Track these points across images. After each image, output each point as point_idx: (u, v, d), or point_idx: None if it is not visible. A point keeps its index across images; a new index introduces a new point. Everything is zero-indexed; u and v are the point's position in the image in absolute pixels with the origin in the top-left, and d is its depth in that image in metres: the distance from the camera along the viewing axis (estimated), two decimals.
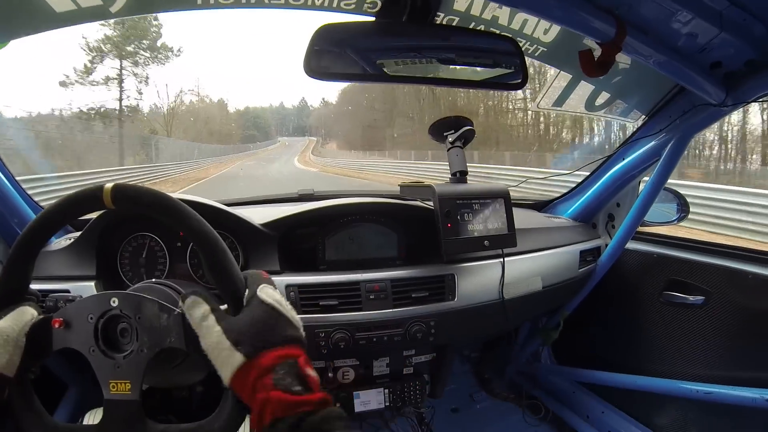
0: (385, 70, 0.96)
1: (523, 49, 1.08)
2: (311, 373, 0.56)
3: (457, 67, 1.03)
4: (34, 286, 0.73)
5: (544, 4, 0.84)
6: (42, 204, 1.30)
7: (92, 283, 1.11)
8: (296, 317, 0.62)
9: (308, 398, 0.52)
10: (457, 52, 1.01)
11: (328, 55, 0.92)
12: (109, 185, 0.63)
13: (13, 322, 0.62)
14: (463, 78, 1.03)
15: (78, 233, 1.17)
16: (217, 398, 0.64)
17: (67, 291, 1.10)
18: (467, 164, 1.27)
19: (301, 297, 1.12)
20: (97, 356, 0.64)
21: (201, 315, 0.60)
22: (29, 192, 1.28)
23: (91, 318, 0.65)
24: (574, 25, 0.88)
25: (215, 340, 0.57)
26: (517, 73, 1.03)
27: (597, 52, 0.94)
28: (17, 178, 1.22)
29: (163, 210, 0.65)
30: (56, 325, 0.64)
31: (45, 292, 1.09)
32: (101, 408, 0.64)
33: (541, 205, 1.82)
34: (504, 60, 1.03)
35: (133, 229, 1.18)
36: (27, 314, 0.64)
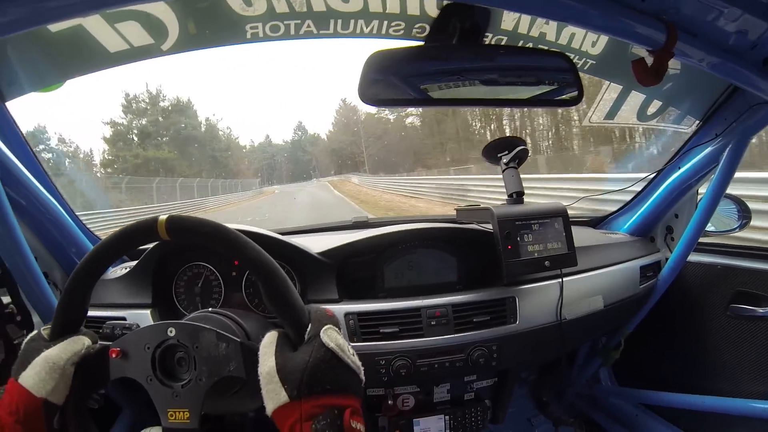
0: (438, 94, 0.99)
1: (567, 55, 1.08)
2: (356, 425, 0.56)
3: (510, 86, 1.04)
4: (92, 313, 0.76)
5: (591, 16, 0.84)
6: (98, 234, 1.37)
7: (148, 311, 1.15)
8: (357, 363, 0.63)
9: None
10: (510, 71, 1.02)
11: (381, 81, 0.95)
12: (163, 217, 0.65)
13: (62, 350, 0.64)
14: (517, 97, 1.04)
15: (134, 262, 1.21)
16: (269, 425, 0.63)
17: (123, 318, 1.15)
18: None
19: (361, 325, 1.13)
20: (155, 385, 0.65)
21: (268, 341, 0.62)
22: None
23: (148, 348, 0.66)
24: (624, 34, 0.88)
25: (267, 370, 0.59)
26: (571, 88, 1.04)
27: (649, 60, 0.94)
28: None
29: (219, 240, 0.66)
30: (113, 355, 0.66)
31: (101, 319, 1.14)
32: (155, 427, 0.66)
33: (596, 222, 1.79)
34: (557, 76, 1.04)
35: (189, 259, 1.22)
36: (78, 344, 0.66)
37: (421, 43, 1.07)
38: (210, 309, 0.85)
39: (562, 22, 1.08)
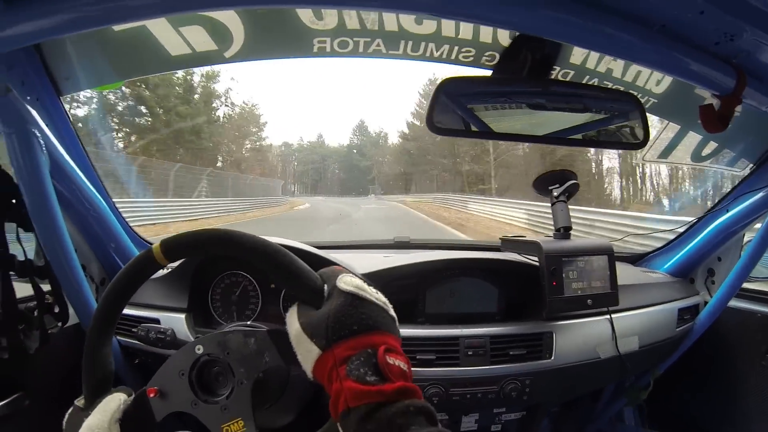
0: (502, 128, 0.98)
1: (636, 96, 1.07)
2: (393, 361, 0.54)
3: (576, 124, 1.02)
4: (126, 311, 0.74)
5: (662, 57, 0.82)
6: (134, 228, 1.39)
7: (183, 316, 1.16)
8: (383, 299, 0.61)
9: (382, 388, 0.50)
10: (577, 109, 1.01)
11: (450, 109, 0.94)
12: (156, 245, 0.66)
13: (102, 414, 0.63)
14: (582, 136, 1.02)
15: (176, 263, 1.22)
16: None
17: (158, 321, 1.16)
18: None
19: None
20: (201, 408, 0.64)
21: (290, 313, 0.62)
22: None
23: (183, 374, 0.65)
24: (693, 77, 0.85)
25: (294, 333, 0.59)
26: (637, 131, 1.02)
27: (716, 105, 0.93)
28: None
29: (217, 244, 0.66)
30: (152, 395, 0.65)
31: (136, 319, 1.17)
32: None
33: (635, 258, 1.77)
34: (624, 117, 1.02)
35: (229, 267, 1.22)
36: (114, 402, 0.65)
37: (489, 72, 1.06)
38: (239, 323, 0.84)
39: (632, 63, 1.06)
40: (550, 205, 1.29)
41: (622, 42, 0.77)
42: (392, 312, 0.62)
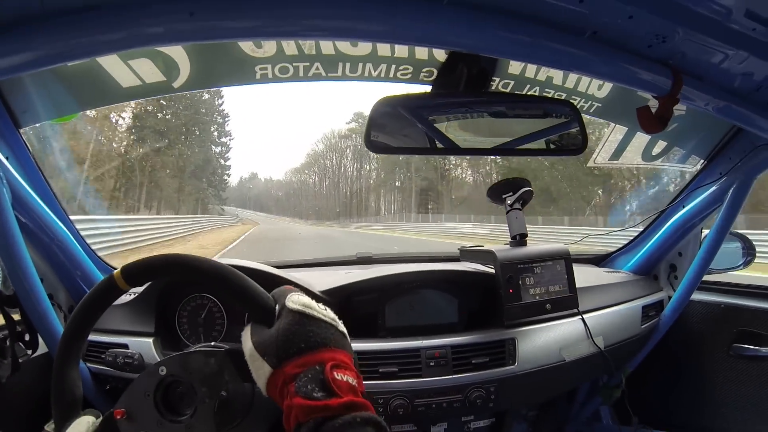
0: (443, 143, 1.01)
1: (578, 107, 1.11)
2: (340, 377, 0.57)
3: (516, 135, 1.06)
4: (93, 338, 0.76)
5: (596, 65, 0.85)
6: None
7: (150, 340, 1.18)
8: (331, 316, 0.65)
9: (328, 403, 0.53)
10: (516, 120, 1.05)
11: (387, 128, 0.98)
12: (117, 271, 0.68)
13: None
14: (523, 146, 1.05)
15: (141, 288, 1.24)
16: None
17: (126, 346, 1.17)
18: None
19: (361, 364, 1.14)
20: (166, 427, 0.67)
21: (244, 333, 0.65)
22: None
23: (148, 395, 0.68)
24: (630, 81, 0.90)
25: (248, 353, 0.62)
26: (575, 138, 1.06)
27: (653, 105, 0.97)
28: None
29: (174, 267, 0.69)
30: (119, 417, 0.67)
31: (103, 345, 1.17)
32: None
33: (599, 260, 1.82)
34: (562, 124, 1.07)
35: (194, 290, 1.24)
36: (83, 425, 0.67)
37: (428, 87, 1.10)
38: (212, 344, 0.85)
39: (568, 71, 1.11)
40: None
41: (555, 52, 0.81)
42: (341, 327, 0.65)
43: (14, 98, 1.04)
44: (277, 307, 0.66)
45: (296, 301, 0.64)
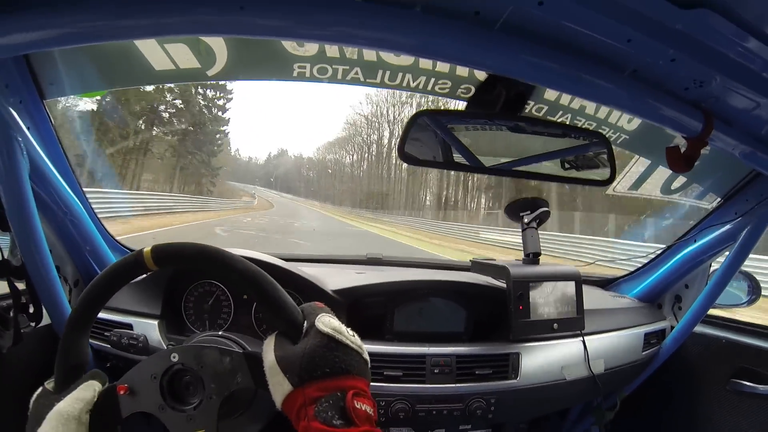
0: (474, 160, 1.04)
1: (606, 136, 1.13)
2: (360, 406, 0.58)
3: (545, 160, 1.10)
4: (100, 314, 0.77)
5: (633, 102, 0.88)
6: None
7: (156, 323, 1.21)
8: (357, 343, 0.65)
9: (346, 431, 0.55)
10: (546, 145, 1.08)
11: (421, 141, 1.01)
12: (147, 249, 0.69)
13: (75, 401, 0.66)
14: (551, 172, 1.09)
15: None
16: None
17: (130, 326, 1.20)
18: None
19: None
20: (168, 413, 0.68)
21: (267, 342, 0.66)
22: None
23: (155, 377, 0.69)
24: (663, 121, 0.92)
25: (269, 365, 0.63)
26: (604, 168, 1.09)
27: (681, 144, 0.99)
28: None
29: (207, 260, 0.69)
30: (122, 392, 0.68)
31: (108, 323, 1.21)
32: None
33: (605, 283, 1.85)
34: (592, 154, 1.10)
35: (202, 275, 1.28)
36: (89, 391, 0.68)
37: (464, 104, 1.13)
38: (219, 333, 0.87)
39: (604, 105, 1.14)
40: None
41: (594, 86, 0.83)
42: (366, 355, 0.66)
43: (42, 69, 1.04)
44: (305, 323, 0.67)
45: (327, 323, 0.64)
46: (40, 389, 0.71)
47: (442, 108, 1.03)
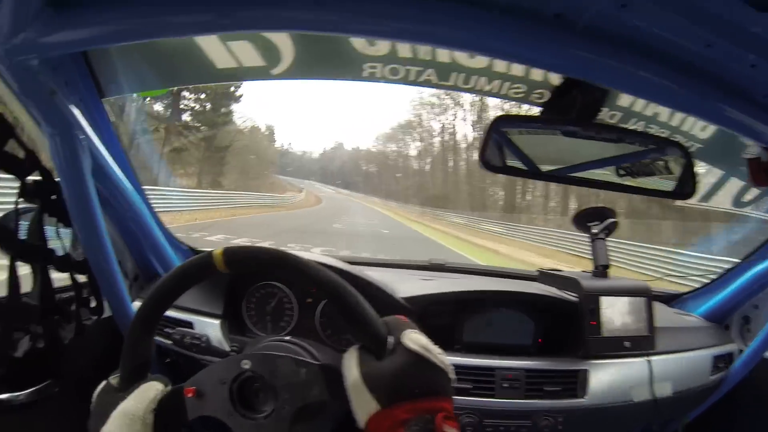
0: (549, 168, 1.02)
1: (684, 145, 1.10)
2: (447, 429, 0.56)
3: (621, 170, 1.06)
4: None
5: (713, 109, 0.85)
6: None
7: (217, 322, 1.20)
8: (445, 362, 0.63)
9: None
10: (623, 156, 1.04)
11: (500, 147, 1.00)
12: (218, 251, 0.67)
13: (138, 400, 0.65)
14: (628, 183, 1.05)
15: None
16: None
17: (190, 324, 1.20)
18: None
19: None
20: (237, 420, 0.66)
21: (349, 356, 0.64)
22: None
23: (224, 383, 0.67)
24: (742, 129, 0.89)
25: (353, 382, 0.61)
26: (684, 181, 1.04)
27: (760, 155, 0.96)
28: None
29: (282, 266, 0.68)
30: (189, 395, 0.67)
31: (170, 320, 1.21)
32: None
33: (669, 298, 1.79)
34: (671, 167, 1.06)
35: (266, 276, 1.27)
36: (152, 390, 0.67)
37: (538, 108, 1.12)
38: (287, 338, 0.86)
39: (682, 112, 1.11)
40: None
41: (672, 91, 0.81)
42: (452, 374, 0.65)
43: (102, 67, 1.04)
44: (390, 339, 0.65)
45: (415, 340, 0.63)
46: (103, 384, 0.71)
47: (515, 113, 1.01)
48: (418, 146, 57.04)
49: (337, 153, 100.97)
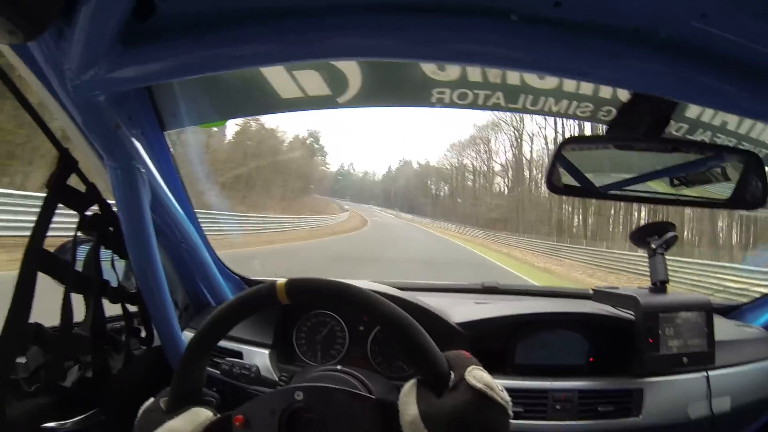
0: (617, 187, 0.99)
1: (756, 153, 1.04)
2: None
3: (691, 184, 1.02)
4: None
5: None
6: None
7: (267, 352, 1.20)
8: (506, 399, 0.62)
9: None
10: (695, 169, 1.00)
11: (567, 168, 0.96)
12: (281, 281, 0.66)
13: (186, 422, 0.65)
14: (698, 196, 1.01)
15: None
16: None
17: (240, 354, 1.20)
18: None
19: None
20: None
21: (407, 391, 0.63)
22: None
23: (275, 413, 0.66)
24: None
25: (410, 419, 0.59)
26: (755, 190, 0.99)
27: None
28: None
29: (345, 299, 0.67)
30: (237, 423, 0.66)
31: (220, 350, 1.21)
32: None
33: (727, 310, 1.73)
34: (742, 176, 1.01)
35: (316, 307, 1.26)
36: (201, 416, 0.68)
37: (605, 127, 1.07)
38: (338, 367, 0.86)
39: (757, 121, 1.05)
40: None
41: (749, 100, 0.76)
42: (511, 411, 0.63)
43: (163, 101, 1.06)
44: (452, 374, 0.64)
45: (479, 378, 0.62)
46: (150, 402, 0.72)
47: (580, 134, 0.96)
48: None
49: (402, 172, 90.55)
